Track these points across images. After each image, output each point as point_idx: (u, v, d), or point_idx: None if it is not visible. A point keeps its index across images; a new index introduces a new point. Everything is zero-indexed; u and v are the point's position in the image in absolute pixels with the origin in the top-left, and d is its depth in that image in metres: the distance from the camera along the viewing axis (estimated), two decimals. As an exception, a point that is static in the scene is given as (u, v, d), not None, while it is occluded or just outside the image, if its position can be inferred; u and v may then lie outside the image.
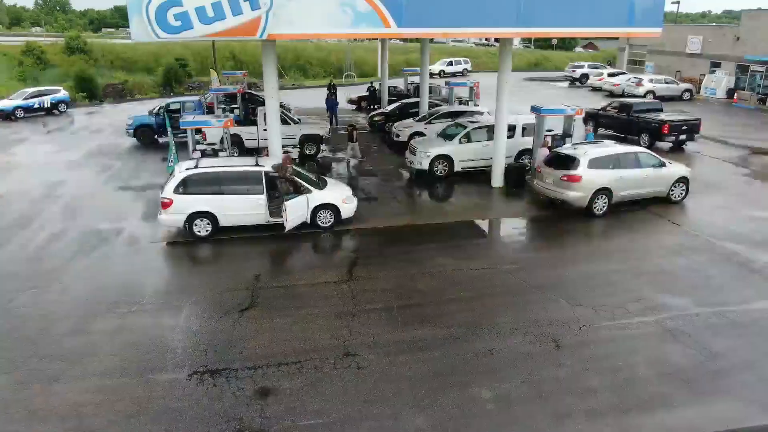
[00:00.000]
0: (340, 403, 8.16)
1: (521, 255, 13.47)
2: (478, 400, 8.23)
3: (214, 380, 8.66)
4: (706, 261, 12.87)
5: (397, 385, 8.54)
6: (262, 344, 9.60)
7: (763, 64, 34.25)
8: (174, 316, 10.49)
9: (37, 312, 10.66)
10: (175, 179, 13.82)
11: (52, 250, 13.63)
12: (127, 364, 9.06)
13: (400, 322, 10.32)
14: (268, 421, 7.83)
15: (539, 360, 9.18)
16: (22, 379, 8.70)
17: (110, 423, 7.79)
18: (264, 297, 11.24)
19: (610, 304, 10.91)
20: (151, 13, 12.38)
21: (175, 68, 46.72)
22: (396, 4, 13.34)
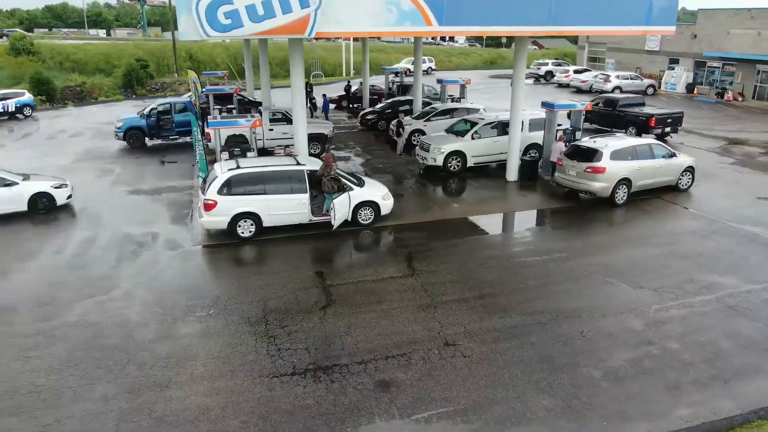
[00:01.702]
0: (463, 390, 8.40)
1: (562, 244, 14.02)
2: (591, 379, 8.66)
3: (329, 376, 8.71)
4: (734, 243, 13.82)
5: (510, 371, 8.85)
6: (359, 339, 9.69)
7: (720, 60, 36.62)
8: (256, 317, 10.40)
9: (110, 320, 10.32)
10: (218, 180, 13.59)
11: (91, 256, 13.14)
12: (233, 366, 8.96)
13: (482, 311, 10.62)
14: (401, 411, 7.97)
15: (629, 339, 9.71)
16: (130, 387, 8.46)
17: (245, 424, 7.73)
18: (338, 294, 11.29)
19: (668, 285, 11.61)
20: (201, 11, 12.14)
21: (135, 69, 45.07)
22: (438, 3, 13.62)
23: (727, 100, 35.37)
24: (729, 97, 35.40)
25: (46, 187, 15.90)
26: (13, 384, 8.53)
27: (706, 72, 38.15)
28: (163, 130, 24.56)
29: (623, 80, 37.64)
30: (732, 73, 36.58)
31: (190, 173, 20.04)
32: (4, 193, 15.20)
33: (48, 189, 15.88)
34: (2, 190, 15.24)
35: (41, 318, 10.39)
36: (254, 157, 15.71)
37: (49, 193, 15.89)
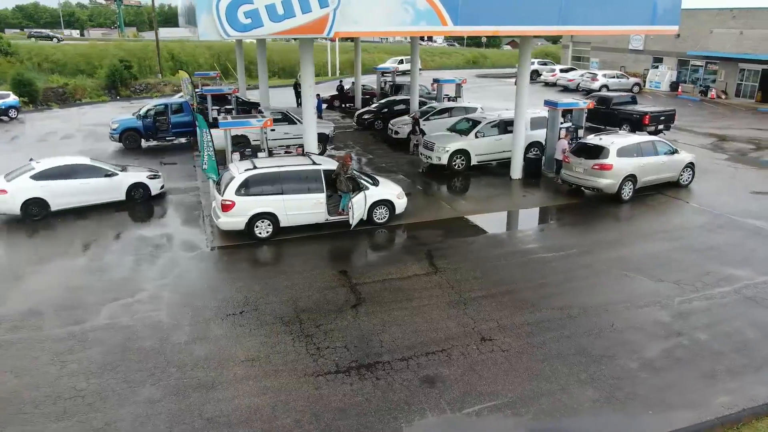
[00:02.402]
0: (508, 384, 8.54)
1: (575, 240, 14.28)
2: (629, 370, 8.88)
3: (374, 374, 8.78)
4: (741, 236, 14.24)
5: (550, 364, 9.03)
6: (396, 336, 9.77)
7: (703, 59, 37.52)
8: (289, 317, 10.41)
9: (142, 322, 10.23)
10: (235, 181, 13.53)
11: (109, 259, 12.98)
12: (276, 366, 8.97)
13: (511, 307, 10.79)
14: (451, 406, 8.08)
15: (658, 331, 9.97)
16: (175, 389, 8.42)
17: (298, 422, 7.75)
18: (367, 292, 11.35)
19: (686, 278, 11.93)
20: (222, 10, 12.10)
21: (119, 70, 44.34)
22: (453, 3, 13.77)
23: (711, 98, 36.28)
24: (712, 95, 36.32)
25: (142, 178, 16.73)
26: (54, 389, 8.42)
27: (689, 70, 39.07)
28: (159, 131, 24.27)
29: (610, 79, 38.33)
30: (715, 72, 37.53)
31: (191, 174, 19.88)
32: (105, 183, 16.06)
33: (144, 180, 16.70)
34: (104, 180, 16.07)
35: (70, 321, 10.25)
36: (265, 158, 15.64)
37: (145, 183, 16.70)
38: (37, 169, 15.36)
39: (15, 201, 14.92)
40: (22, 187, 15.02)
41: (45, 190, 15.18)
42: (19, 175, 15.31)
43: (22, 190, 15.00)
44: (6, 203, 14.93)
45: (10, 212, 15.13)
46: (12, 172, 15.68)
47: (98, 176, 16.03)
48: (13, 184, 15.04)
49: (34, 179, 15.16)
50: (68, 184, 15.50)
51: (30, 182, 15.12)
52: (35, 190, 15.08)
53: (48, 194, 15.23)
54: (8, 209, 15.04)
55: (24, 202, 14.98)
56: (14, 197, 14.90)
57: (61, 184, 15.40)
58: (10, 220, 15.29)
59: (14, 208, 14.98)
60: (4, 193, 14.86)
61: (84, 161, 16.49)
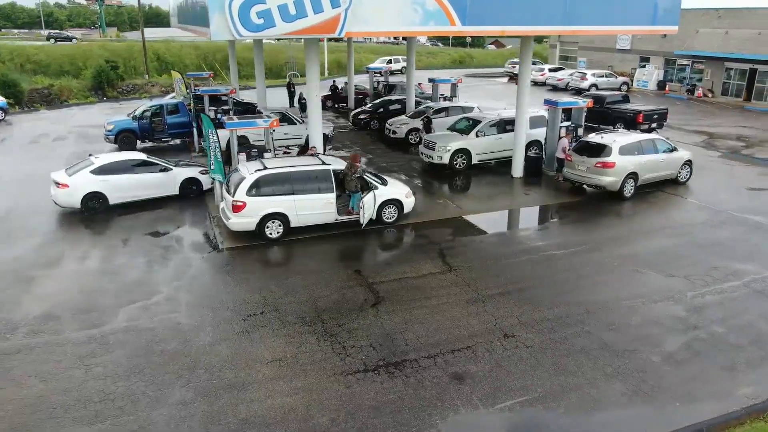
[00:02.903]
0: (536, 379, 8.66)
1: (583, 237, 14.49)
2: (653, 363, 9.06)
3: (402, 371, 8.84)
4: (743, 231, 14.57)
5: (574, 359, 9.17)
6: (420, 335, 9.84)
7: (689, 58, 38.19)
8: (310, 316, 10.43)
9: (162, 324, 10.17)
10: (246, 181, 13.48)
11: (119, 262, 12.86)
12: (304, 366, 8.98)
13: (528, 303, 10.92)
14: (483, 401, 8.17)
15: (676, 325, 10.17)
16: (205, 390, 8.39)
17: (334, 421, 7.78)
18: (384, 291, 11.40)
19: (696, 273, 12.17)
20: (234, 10, 12.06)
21: (105, 71, 43.76)
22: (461, 3, 13.87)
23: (698, 97, 36.94)
24: (699, 94, 36.98)
25: (195, 173, 17.01)
26: (82, 393, 8.34)
27: (676, 70, 39.74)
28: (155, 132, 24.05)
29: (599, 78, 38.82)
30: (701, 71, 38.22)
31: (193, 176, 19.69)
32: (161, 178, 16.39)
33: (197, 175, 17.00)
34: (160, 175, 16.41)
35: (89, 325, 10.15)
36: (272, 158, 15.61)
37: (197, 178, 16.97)
38: (97, 164, 15.81)
39: (76, 195, 15.39)
40: (82, 182, 15.46)
41: (104, 184, 15.63)
42: (80, 170, 15.72)
43: (83, 185, 15.44)
44: (67, 197, 15.41)
45: (71, 206, 15.61)
46: (72, 167, 16.15)
47: (154, 171, 16.40)
48: (74, 179, 15.46)
49: (94, 174, 15.59)
50: (126, 178, 15.94)
51: (90, 177, 15.55)
52: (95, 185, 15.52)
53: (107, 188, 15.67)
54: (69, 203, 15.53)
55: (84, 196, 15.45)
56: (75, 191, 15.36)
57: (119, 178, 15.84)
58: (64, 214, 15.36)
59: (75, 202, 15.46)
60: (65, 187, 15.29)
61: (141, 156, 16.84)
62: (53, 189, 15.51)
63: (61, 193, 15.34)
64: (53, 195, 15.54)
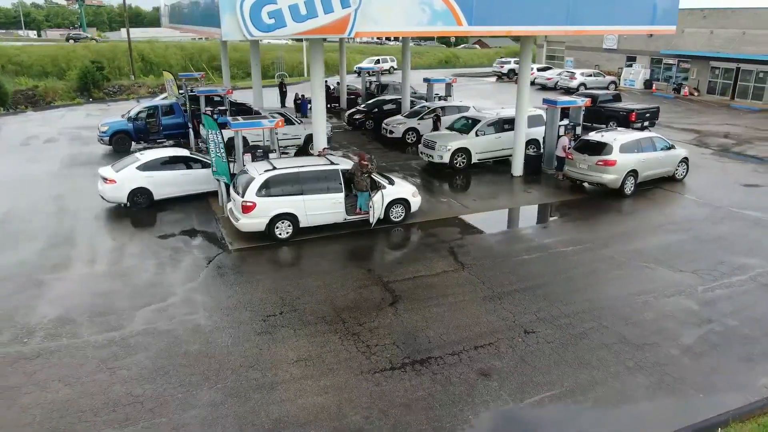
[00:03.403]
0: (561, 374, 8.79)
1: (589, 234, 14.68)
2: (673, 356, 9.24)
3: (429, 369, 8.90)
4: (743, 227, 14.90)
5: (596, 353, 9.32)
6: (441, 332, 9.92)
7: (675, 57, 38.84)
8: (330, 316, 10.45)
9: (181, 326, 10.11)
10: (256, 182, 13.45)
11: (128, 264, 12.75)
12: (330, 365, 9.00)
13: (544, 300, 11.07)
14: (512, 396, 8.27)
15: (690, 318, 10.39)
16: (234, 391, 8.37)
17: (368, 419, 7.82)
18: (401, 290, 11.46)
19: (704, 268, 12.43)
20: (246, 10, 12.03)
21: (91, 72, 43.18)
22: (468, 3, 13.98)
23: (684, 95, 37.59)
24: (686, 93, 37.63)
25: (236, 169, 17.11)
26: (109, 396, 8.27)
27: (662, 69, 40.38)
28: (150, 133, 23.82)
29: (587, 77, 39.31)
30: (687, 70, 38.90)
31: (193, 177, 19.54)
32: (204, 174, 16.36)
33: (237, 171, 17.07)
34: (203, 171, 16.46)
35: (107, 328, 10.06)
36: (277, 158, 15.58)
37: None
38: (142, 160, 16.12)
39: (123, 190, 15.74)
40: (129, 177, 15.79)
41: (149, 180, 15.94)
42: (126, 166, 16.04)
43: (129, 180, 15.78)
44: (115, 192, 15.76)
45: (118, 201, 15.97)
46: (119, 163, 16.50)
47: (197, 167, 16.64)
48: (120, 175, 15.80)
49: (140, 170, 15.88)
50: (170, 174, 16.17)
51: (136, 173, 15.87)
52: (140, 181, 15.83)
53: (152, 184, 15.98)
54: (116, 198, 15.88)
55: (131, 191, 15.78)
56: (122, 187, 15.71)
57: (163, 174, 16.10)
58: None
59: (122, 197, 15.82)
60: (113, 182, 15.66)
61: (184, 152, 17.12)
62: (101, 184, 15.91)
63: (108, 189, 15.72)
64: (101, 190, 15.92)
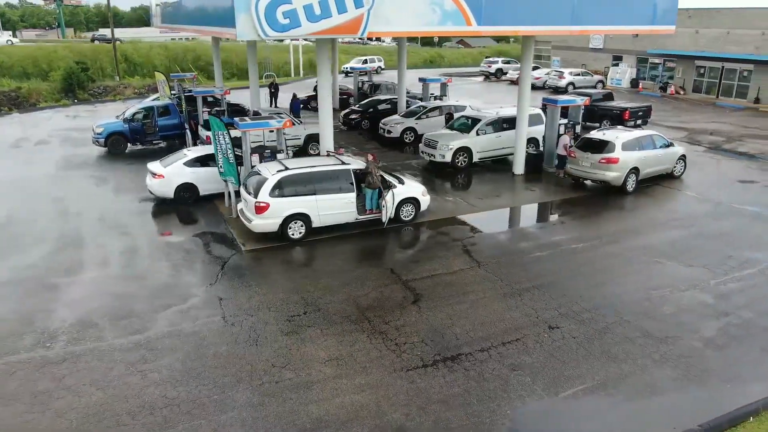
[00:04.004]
0: (590, 367, 8.94)
1: (597, 231, 14.91)
2: (696, 349, 9.46)
3: (461, 365, 8.99)
4: (745, 222, 15.27)
5: (622, 347, 9.49)
6: (467, 329, 10.02)
7: (661, 57, 39.54)
8: (355, 315, 10.48)
9: (207, 328, 10.06)
10: (269, 182, 13.42)
11: (141, 266, 12.64)
12: (363, 363, 9.04)
13: (563, 295, 11.23)
14: (546, 390, 8.40)
15: (707, 312, 10.64)
16: (270, 391, 8.37)
17: (408, 416, 7.88)
18: (421, 288, 11.54)
19: (713, 262, 12.72)
20: (261, 11, 11.99)
21: (76, 73, 42.50)
22: (477, 4, 14.11)
23: (671, 94, 38.28)
24: (672, 91, 38.33)
25: None
26: (144, 399, 8.21)
27: (648, 68, 41.08)
28: (146, 135, 23.57)
29: (575, 76, 39.82)
30: (672, 69, 39.62)
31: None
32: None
33: None
34: None
35: (131, 331, 9.97)
36: (285, 158, 15.55)
37: None
38: (189, 156, 16.44)
39: (170, 185, 16.05)
40: (176, 173, 16.08)
41: (195, 176, 16.21)
42: (174, 162, 16.34)
43: (176, 176, 16.07)
44: (162, 187, 16.09)
45: (166, 195, 16.20)
46: (167, 158, 16.80)
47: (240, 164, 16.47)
48: (168, 170, 16.11)
49: (186, 165, 16.12)
50: (215, 171, 15.98)
51: (183, 168, 16.14)
52: (187, 176, 16.08)
53: (197, 180, 16.24)
54: (164, 193, 16.17)
55: (177, 186, 16.07)
56: (169, 182, 16.03)
57: (208, 170, 16.19)
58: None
59: (169, 192, 16.10)
60: (161, 177, 16.01)
61: None
62: (149, 179, 16.27)
63: (156, 183, 16.08)
64: (149, 185, 16.28)
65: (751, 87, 34.57)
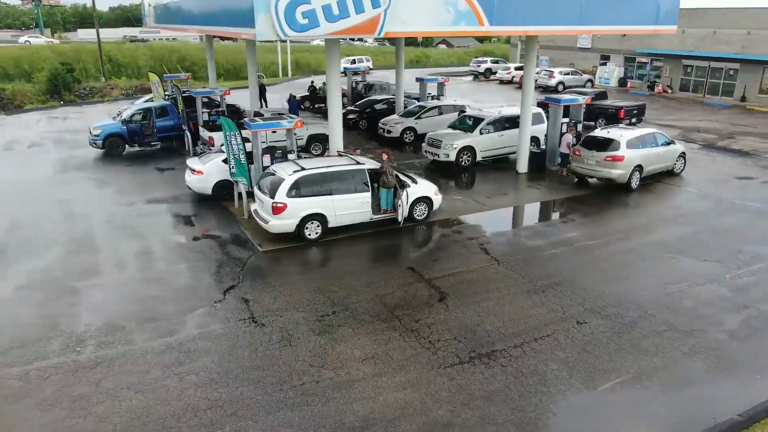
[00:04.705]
0: (624, 361, 9.11)
1: (608, 227, 15.17)
2: (722, 341, 9.70)
3: (497, 362, 9.10)
4: (749, 217, 15.64)
5: (651, 340, 9.69)
6: (497, 326, 10.14)
7: (648, 56, 40.21)
8: (384, 314, 10.53)
9: (239, 329, 10.03)
10: (285, 183, 13.40)
11: (159, 269, 12.55)
12: (400, 361, 9.09)
13: (585, 291, 11.41)
14: (584, 384, 8.54)
15: (726, 305, 10.90)
16: (312, 391, 8.38)
17: (453, 412, 7.96)
18: (445, 286, 11.63)
19: (725, 257, 13.02)
20: (281, 11, 11.98)
21: (62, 74, 41.81)
22: (489, 4, 14.25)
23: (658, 93, 38.96)
24: (659, 90, 39.02)
25: None
26: (186, 401, 8.16)
27: (635, 67, 41.75)
28: (144, 136, 23.33)
29: (565, 76, 40.30)
30: (659, 68, 40.32)
31: (198, 179, 19.26)
32: None
33: None
34: None
35: (160, 333, 9.89)
36: (295, 159, 15.53)
37: None
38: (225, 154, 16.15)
39: (209, 181, 16.29)
40: (214, 170, 16.26)
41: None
42: (213, 159, 16.55)
43: (215, 172, 16.26)
44: (201, 183, 16.34)
45: (204, 192, 16.43)
46: (206, 155, 17.24)
47: None
48: (207, 167, 16.34)
49: (225, 162, 15.96)
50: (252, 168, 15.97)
51: (221, 165, 16.14)
52: (225, 173, 16.04)
53: None
54: (202, 189, 16.42)
55: (216, 183, 16.27)
56: (208, 178, 16.27)
57: None
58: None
59: (207, 188, 16.36)
60: (200, 174, 16.26)
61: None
62: (188, 175, 16.57)
63: (195, 179, 16.35)
64: (188, 181, 16.59)
65: (737, 85, 35.35)
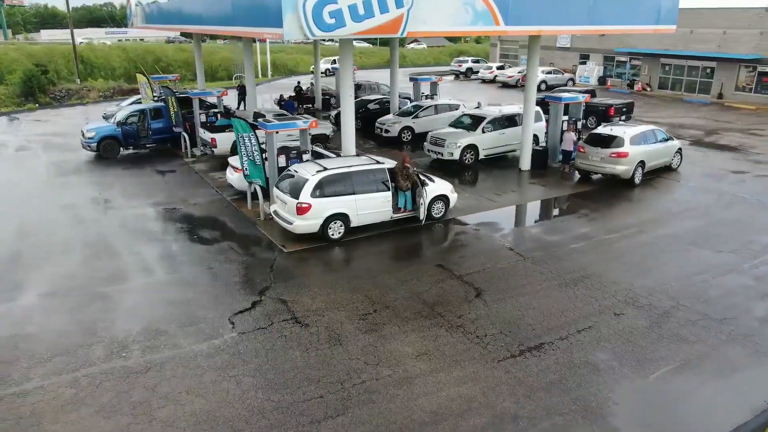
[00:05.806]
0: (668, 350, 9.40)
1: (622, 221, 15.49)
2: (755, 327, 10.09)
3: (547, 354, 9.29)
4: (753, 209, 16.23)
5: (688, 329, 10.01)
6: (539, 319, 10.33)
7: (627, 55, 41.23)
8: (426, 311, 10.61)
9: (283, 330, 9.98)
10: (309, 183, 13.37)
11: (186, 272, 12.39)
12: (453, 357, 9.19)
13: (614, 284, 11.71)
14: (636, 372, 8.79)
15: (751, 293, 11.33)
16: (375, 389, 8.41)
17: (518, 404, 8.09)
18: (478, 282, 11.78)
19: (739, 248, 13.50)
20: (308, 10, 11.94)
21: (36, 76, 40.66)
22: (504, 4, 14.47)
23: (638, 91, 39.98)
24: (639, 88, 40.04)
25: None
26: (248, 403, 8.10)
27: (614, 66, 42.75)
28: (140, 138, 22.90)
29: (547, 75, 40.99)
30: (638, 67, 41.38)
31: (201, 182, 19.05)
32: None
33: None
34: None
35: (205, 336, 9.79)
36: (309, 159, 15.49)
37: None
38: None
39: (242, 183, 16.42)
40: None
41: None
42: None
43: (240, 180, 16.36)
44: (242, 182, 16.26)
45: (244, 189, 16.42)
46: None
47: None
48: None
49: None
50: None
51: None
52: None
53: None
54: (243, 186, 16.40)
55: None
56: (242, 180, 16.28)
57: None
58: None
59: (246, 185, 16.19)
60: (240, 171, 16.13)
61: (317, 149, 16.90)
62: (229, 173, 17.14)
63: (236, 178, 16.67)
64: (230, 179, 17.16)
65: (714, 83, 36.53)
